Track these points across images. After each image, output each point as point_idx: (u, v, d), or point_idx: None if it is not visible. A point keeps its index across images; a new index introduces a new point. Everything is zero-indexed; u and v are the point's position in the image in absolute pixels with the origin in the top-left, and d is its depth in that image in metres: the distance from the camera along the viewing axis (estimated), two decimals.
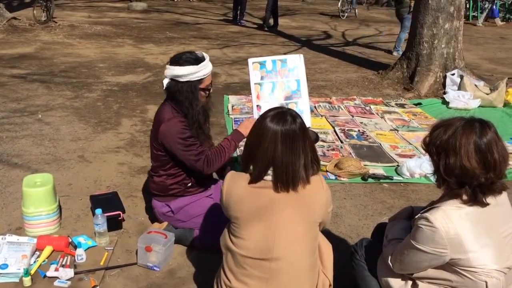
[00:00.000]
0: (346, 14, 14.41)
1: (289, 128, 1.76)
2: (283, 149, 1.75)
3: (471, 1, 15.35)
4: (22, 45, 8.28)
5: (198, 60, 2.51)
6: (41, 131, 4.46)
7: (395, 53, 8.89)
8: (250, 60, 2.96)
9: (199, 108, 2.58)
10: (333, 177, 3.74)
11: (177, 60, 2.52)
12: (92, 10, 13.42)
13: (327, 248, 2.01)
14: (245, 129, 2.70)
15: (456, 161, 1.63)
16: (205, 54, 2.59)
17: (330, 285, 1.96)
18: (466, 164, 1.62)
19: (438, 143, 1.69)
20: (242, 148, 1.98)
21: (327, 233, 2.80)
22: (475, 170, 1.62)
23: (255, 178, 1.79)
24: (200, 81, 2.54)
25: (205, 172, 2.61)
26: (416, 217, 1.76)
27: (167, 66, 2.55)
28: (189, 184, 2.71)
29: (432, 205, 1.76)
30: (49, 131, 4.48)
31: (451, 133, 1.66)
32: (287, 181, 1.76)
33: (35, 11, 10.47)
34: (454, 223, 1.64)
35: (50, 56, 7.57)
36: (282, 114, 1.80)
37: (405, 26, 8.58)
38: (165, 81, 2.59)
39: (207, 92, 2.62)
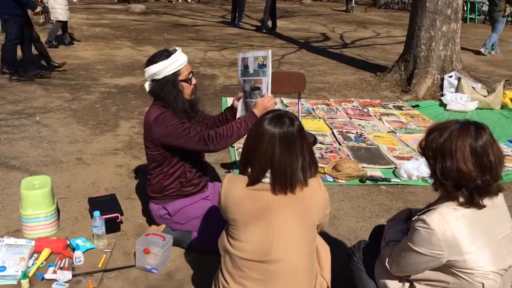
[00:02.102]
0: (351, 10, 17.08)
1: (287, 130, 1.77)
2: (281, 151, 1.76)
3: (468, 3, 15.40)
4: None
5: (169, 54, 2.55)
6: (39, 133, 4.46)
7: (482, 50, 9.64)
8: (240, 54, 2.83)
9: (184, 99, 2.60)
10: (331, 179, 3.74)
11: (150, 60, 2.57)
12: (91, 12, 13.43)
13: (325, 250, 2.02)
14: (258, 110, 2.58)
15: (452, 164, 1.64)
16: (177, 48, 2.62)
17: (327, 287, 1.96)
18: (463, 167, 1.62)
19: (434, 147, 1.70)
20: (240, 150, 1.99)
21: (325, 235, 2.80)
22: (471, 173, 1.63)
23: (253, 181, 1.79)
24: (176, 73, 2.56)
25: (214, 148, 2.57)
26: (413, 219, 1.77)
27: (144, 69, 2.60)
28: (185, 183, 2.71)
29: (429, 207, 1.77)
30: (47, 133, 4.48)
31: (446, 137, 1.67)
32: (285, 183, 1.76)
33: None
34: (450, 225, 1.65)
35: None
36: (280, 116, 1.80)
37: (498, 28, 9.51)
38: (147, 85, 2.64)
39: (190, 82, 2.63)
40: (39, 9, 6.50)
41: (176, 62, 2.55)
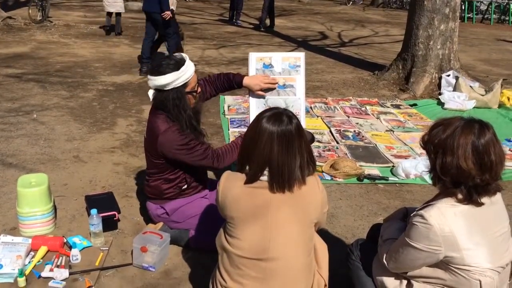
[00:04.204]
0: (351, 2, 19.07)
1: (285, 128, 1.76)
2: (279, 149, 1.75)
3: (466, 3, 15.42)
4: (17, 45, 8.26)
5: (178, 65, 2.43)
6: (36, 131, 4.44)
7: None
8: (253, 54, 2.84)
9: (190, 112, 2.53)
10: (328, 177, 3.74)
11: (157, 70, 2.44)
12: (88, 9, 13.39)
13: (323, 248, 2.02)
14: None
15: (452, 160, 1.64)
16: (184, 55, 2.51)
17: (325, 285, 1.96)
18: (462, 165, 1.62)
19: (436, 142, 1.69)
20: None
21: (322, 234, 2.79)
22: (471, 171, 1.62)
23: (251, 178, 1.79)
24: (185, 85, 2.48)
25: (218, 167, 2.57)
26: (411, 215, 1.77)
27: (149, 77, 2.47)
28: (184, 187, 2.70)
29: (427, 204, 1.77)
30: (44, 131, 4.46)
31: (449, 133, 1.66)
32: (282, 181, 1.76)
33: (30, 11, 10.45)
34: (448, 221, 1.65)
35: (45, 56, 7.54)
36: (278, 114, 1.80)
37: None
38: (151, 93, 2.55)
39: (195, 94, 2.56)
40: (168, 12, 6.52)
41: (185, 75, 2.44)
